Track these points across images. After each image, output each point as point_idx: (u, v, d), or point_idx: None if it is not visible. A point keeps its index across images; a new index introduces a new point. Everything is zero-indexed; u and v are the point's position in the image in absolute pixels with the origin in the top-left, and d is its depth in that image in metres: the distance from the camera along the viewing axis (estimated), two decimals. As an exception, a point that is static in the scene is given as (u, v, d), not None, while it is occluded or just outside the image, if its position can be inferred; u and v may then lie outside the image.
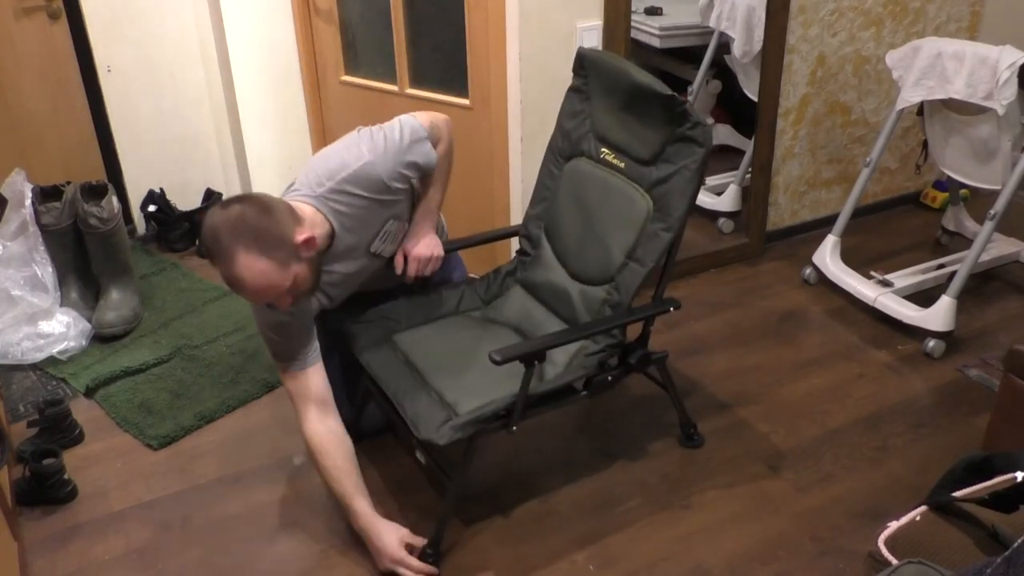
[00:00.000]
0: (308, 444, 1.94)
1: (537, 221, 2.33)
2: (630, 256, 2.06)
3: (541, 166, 2.33)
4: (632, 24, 2.74)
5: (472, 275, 2.47)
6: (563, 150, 2.28)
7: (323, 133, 3.31)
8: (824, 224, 3.39)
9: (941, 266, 3.03)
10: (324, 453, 1.91)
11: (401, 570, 1.87)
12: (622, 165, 2.12)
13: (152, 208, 3.40)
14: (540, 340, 2.00)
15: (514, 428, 1.88)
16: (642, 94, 2.04)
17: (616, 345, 2.06)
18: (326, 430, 1.92)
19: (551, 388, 1.95)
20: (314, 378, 1.94)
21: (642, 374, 2.21)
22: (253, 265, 1.67)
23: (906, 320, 2.77)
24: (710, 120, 3.85)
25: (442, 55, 2.89)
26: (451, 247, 2.27)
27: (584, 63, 2.21)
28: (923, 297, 2.82)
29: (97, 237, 2.80)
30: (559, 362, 2.05)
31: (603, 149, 2.18)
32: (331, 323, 2.14)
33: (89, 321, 2.79)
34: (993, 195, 2.68)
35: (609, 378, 2.06)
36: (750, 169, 3.28)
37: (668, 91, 1.97)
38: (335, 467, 1.90)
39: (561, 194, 2.26)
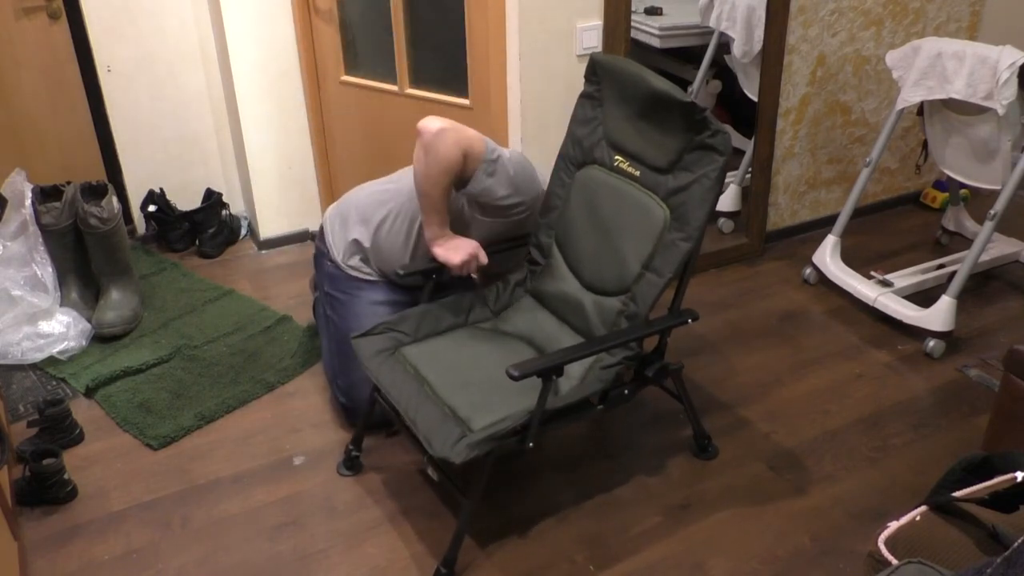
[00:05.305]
0: (438, 134, 2.02)
1: (548, 230, 2.28)
2: (647, 266, 2.03)
3: (551, 173, 2.29)
4: (632, 24, 2.74)
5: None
6: (574, 158, 2.24)
7: (323, 133, 3.31)
8: (824, 224, 3.39)
9: (941, 266, 3.03)
10: (445, 154, 2.03)
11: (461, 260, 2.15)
12: (637, 173, 2.08)
13: (152, 208, 3.40)
14: (559, 355, 1.90)
15: (530, 444, 1.85)
16: (660, 101, 2.00)
17: (633, 357, 2.03)
18: (455, 144, 2.04)
19: (568, 403, 1.92)
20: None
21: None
22: None
23: (906, 320, 2.77)
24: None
25: (442, 55, 2.89)
26: None
27: (596, 69, 2.17)
28: (923, 297, 2.83)
29: (97, 237, 2.80)
30: (574, 375, 2.02)
31: (617, 157, 2.14)
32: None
33: (89, 321, 2.79)
34: (993, 195, 2.68)
35: (626, 391, 2.04)
36: (750, 169, 3.28)
37: (687, 98, 1.94)
38: (440, 175, 2.05)
39: (573, 202, 2.23)
